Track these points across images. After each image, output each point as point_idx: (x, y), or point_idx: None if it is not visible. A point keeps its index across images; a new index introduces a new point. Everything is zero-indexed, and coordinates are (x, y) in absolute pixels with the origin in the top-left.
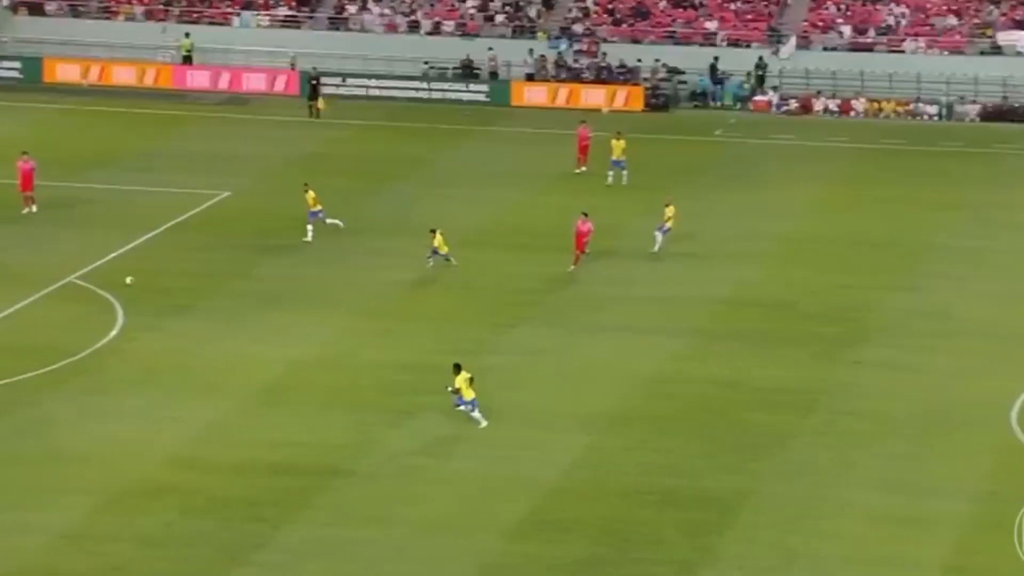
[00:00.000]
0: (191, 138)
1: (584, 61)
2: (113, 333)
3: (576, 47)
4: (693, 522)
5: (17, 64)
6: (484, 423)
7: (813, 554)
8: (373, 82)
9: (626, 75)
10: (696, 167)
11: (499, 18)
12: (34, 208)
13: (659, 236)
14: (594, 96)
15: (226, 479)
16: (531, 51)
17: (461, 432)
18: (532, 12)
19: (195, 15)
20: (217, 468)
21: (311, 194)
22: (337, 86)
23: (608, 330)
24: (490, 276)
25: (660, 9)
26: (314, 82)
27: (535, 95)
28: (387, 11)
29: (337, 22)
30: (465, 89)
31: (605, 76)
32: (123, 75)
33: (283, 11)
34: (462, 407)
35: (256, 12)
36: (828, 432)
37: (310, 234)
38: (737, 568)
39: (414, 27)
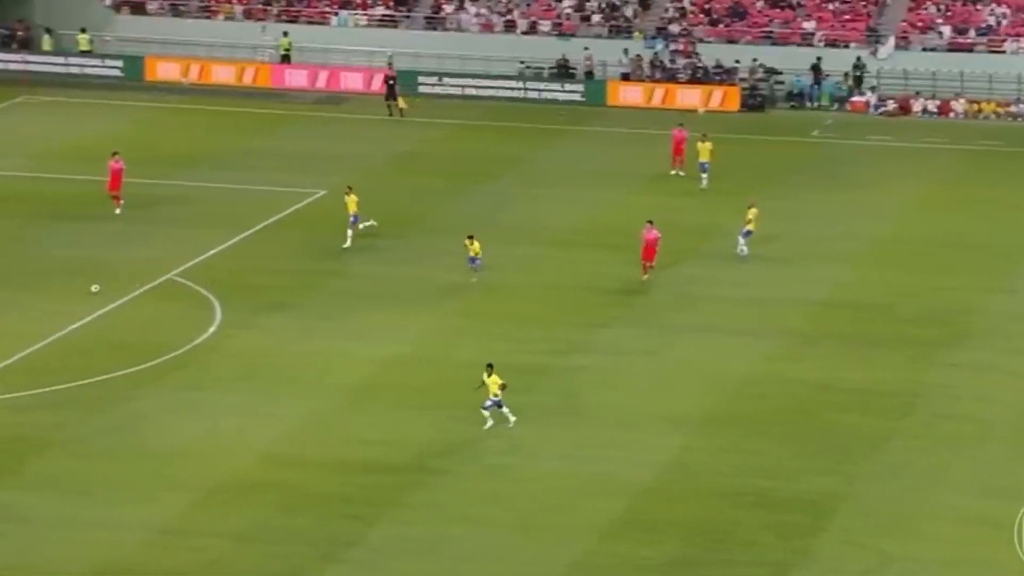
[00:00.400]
0: (288, 137)
1: (680, 61)
2: (211, 330)
3: (672, 47)
4: (786, 524)
5: (119, 63)
6: (489, 424)
7: (908, 557)
8: (469, 82)
9: (722, 75)
10: (792, 167)
11: (595, 18)
12: (117, 210)
13: (741, 240)
14: (690, 96)
15: (320, 476)
16: (626, 51)
17: (550, 432)
18: (628, 12)
19: (294, 14)
20: (311, 465)
21: (353, 197)
22: (433, 85)
23: (700, 331)
24: (582, 276)
25: (757, 9)
26: (391, 81)
27: (631, 95)
28: (483, 11)
29: (434, 21)
30: (561, 89)
31: (701, 76)
32: (222, 74)
33: (380, 10)
34: (489, 408)
35: (354, 11)
36: (923, 435)
37: (349, 240)
38: (831, 571)
39: (510, 27)
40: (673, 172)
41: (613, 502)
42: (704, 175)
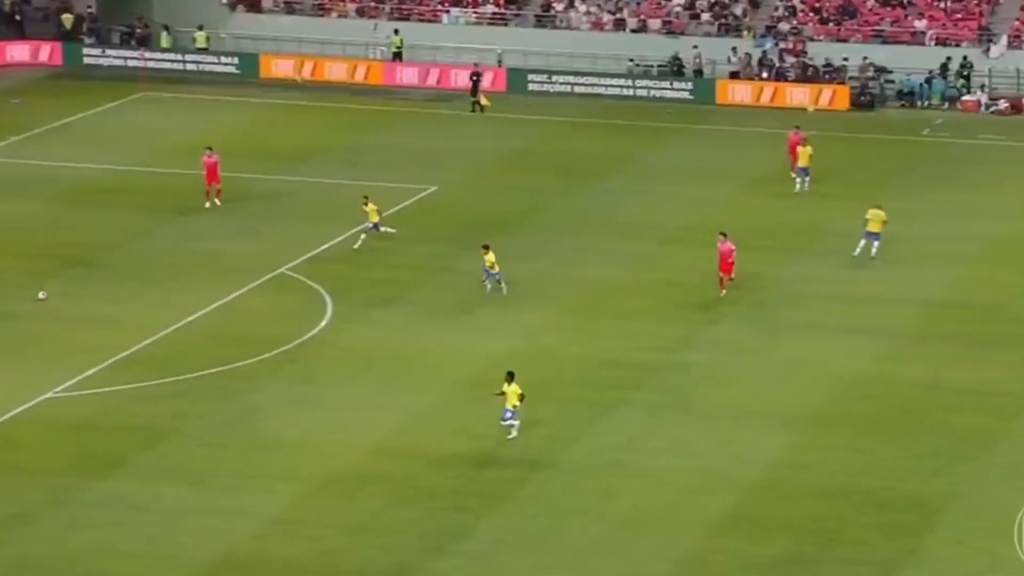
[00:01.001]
0: (399, 133)
1: (789, 59)
2: (322, 324)
3: (781, 46)
4: (895, 524)
5: (235, 60)
6: (514, 435)
7: (1018, 559)
8: (579, 79)
9: (832, 74)
10: (902, 167)
11: (705, 16)
12: (217, 201)
13: (864, 242)
14: (799, 95)
15: (431, 469)
16: (734, 49)
17: (662, 428)
18: (738, 10)
19: (405, 12)
20: (422, 458)
21: (372, 206)
22: (543, 83)
23: (810, 329)
24: (693, 273)
25: (868, 8)
26: (475, 78)
27: (740, 93)
28: (593, 9)
29: (544, 20)
30: (669, 87)
31: (810, 75)
32: (335, 71)
33: (490, 9)
34: (508, 417)
35: (464, 9)
36: None
37: (360, 242)
38: (940, 572)
39: (620, 25)
40: (793, 175)
41: (723, 498)
42: (805, 179)
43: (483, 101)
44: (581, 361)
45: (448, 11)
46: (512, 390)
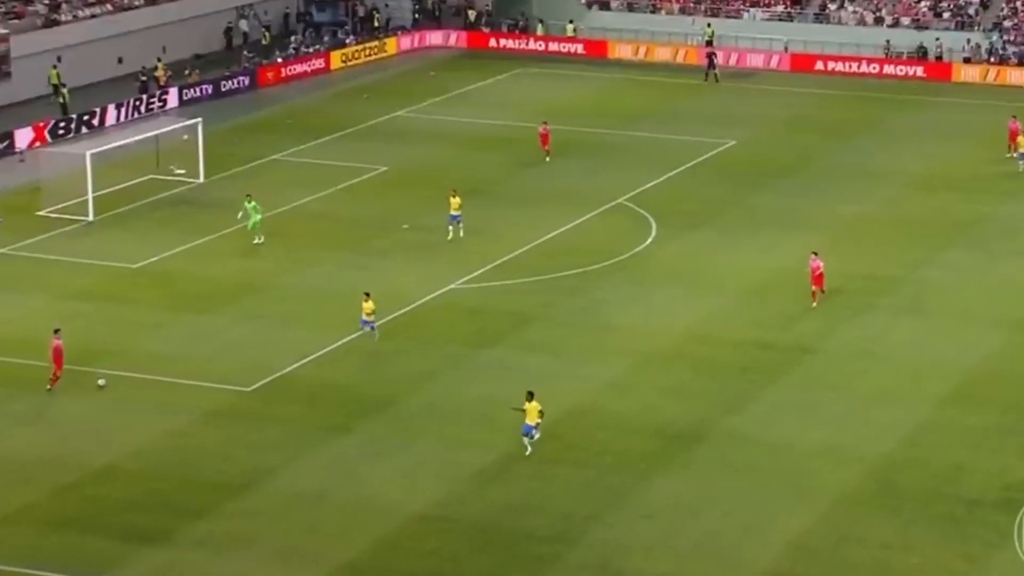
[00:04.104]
0: (707, 101)
1: (1011, 49)
2: (648, 242)
3: (1005, 38)
4: None
5: (586, 46)
6: (530, 451)
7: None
8: (845, 65)
9: None
10: None
11: (945, 14)
12: (547, 159)
13: None
14: (1018, 76)
15: (726, 351)
16: (968, 40)
17: (901, 326)
18: (971, 10)
19: (715, 10)
20: (720, 342)
21: (456, 200)
22: (818, 66)
23: (1020, 255)
24: (931, 210)
25: None
26: (712, 57)
27: (970, 74)
28: (859, 8)
29: (821, 17)
30: (907, 69)
31: None
32: (662, 54)
33: (780, 8)
34: (527, 434)
35: (760, 8)
36: None
37: (451, 233)
38: None
39: (879, 21)
40: (1008, 156)
41: (947, 381)
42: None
43: (717, 75)
44: (841, 275)
45: (748, 9)
46: (532, 407)
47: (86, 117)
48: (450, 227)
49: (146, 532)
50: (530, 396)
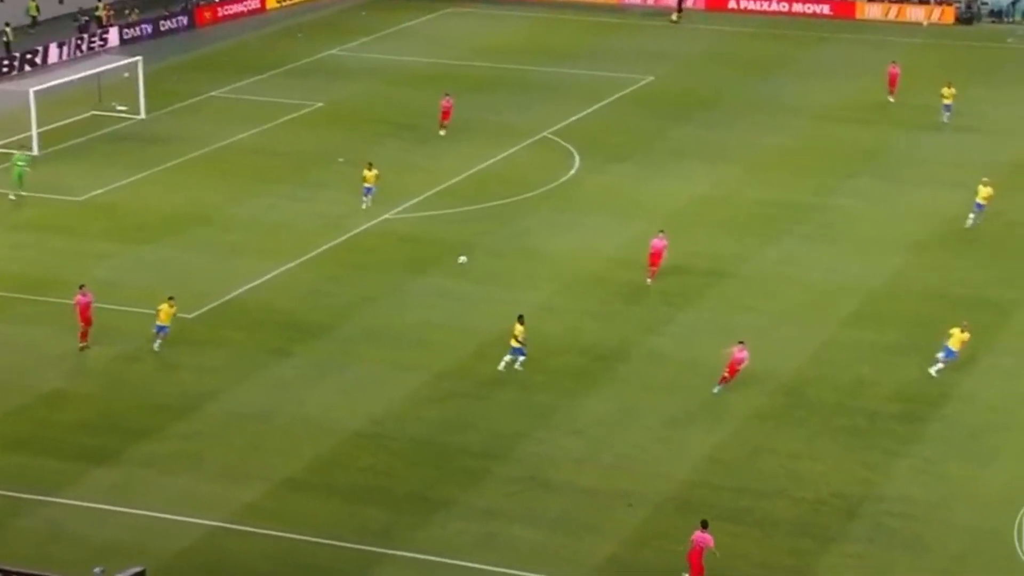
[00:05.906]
0: (627, 40)
1: None
2: (571, 172)
3: None
4: (977, 321)
5: None
6: (518, 367)
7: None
8: (755, 3)
9: None
10: (992, 66)
11: None
12: (442, 133)
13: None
14: (916, 13)
15: (640, 276)
16: None
17: (812, 250)
18: None
19: None
20: (641, 268)
21: (372, 172)
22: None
23: (924, 184)
24: (836, 141)
25: None
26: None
27: (872, 11)
28: None
29: None
30: (815, 8)
31: None
32: None
33: None
34: (516, 355)
35: None
36: None
37: (365, 204)
38: (1012, 352)
39: None
40: (889, 100)
41: (852, 300)
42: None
43: (680, 15)
44: (756, 202)
45: None
46: (520, 329)
47: (28, 55)
48: (364, 198)
49: (96, 452)
50: (521, 320)
